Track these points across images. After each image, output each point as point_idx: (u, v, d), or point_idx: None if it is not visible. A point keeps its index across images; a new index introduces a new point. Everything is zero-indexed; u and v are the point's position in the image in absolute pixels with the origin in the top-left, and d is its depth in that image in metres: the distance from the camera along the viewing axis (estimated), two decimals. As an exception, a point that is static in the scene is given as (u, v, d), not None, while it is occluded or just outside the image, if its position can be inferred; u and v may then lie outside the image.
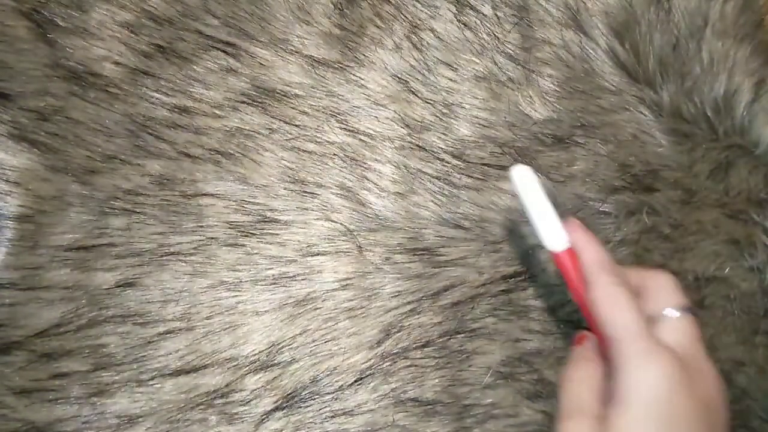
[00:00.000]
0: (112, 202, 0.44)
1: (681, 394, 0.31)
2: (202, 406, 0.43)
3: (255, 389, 0.43)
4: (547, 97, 0.46)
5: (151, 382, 0.42)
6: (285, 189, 0.45)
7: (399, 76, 0.46)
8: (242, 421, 0.43)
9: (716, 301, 0.43)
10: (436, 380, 0.44)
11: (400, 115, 0.46)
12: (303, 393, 0.43)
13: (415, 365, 0.44)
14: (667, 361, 0.32)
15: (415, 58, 0.46)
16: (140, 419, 0.42)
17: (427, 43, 0.46)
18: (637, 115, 0.46)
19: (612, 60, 0.46)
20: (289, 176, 0.45)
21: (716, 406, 0.33)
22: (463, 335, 0.44)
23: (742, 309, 0.43)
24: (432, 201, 0.45)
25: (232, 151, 0.45)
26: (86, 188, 0.44)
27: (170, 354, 0.43)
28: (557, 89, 0.46)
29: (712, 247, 0.44)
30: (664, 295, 0.35)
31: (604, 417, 0.32)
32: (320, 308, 0.44)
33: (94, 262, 0.43)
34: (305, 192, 0.45)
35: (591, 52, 0.46)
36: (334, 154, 0.46)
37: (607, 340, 0.33)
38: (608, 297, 0.34)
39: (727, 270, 0.44)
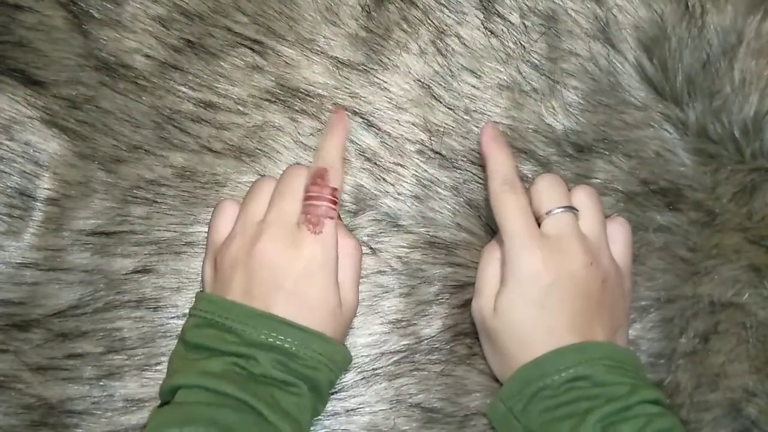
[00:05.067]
0: (134, 191, 0.45)
1: (548, 271, 0.39)
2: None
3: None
4: (571, 110, 0.46)
5: (158, 368, 0.43)
6: (302, 187, 0.46)
7: (422, 80, 0.46)
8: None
9: (730, 328, 0.42)
10: (441, 387, 0.44)
11: (421, 120, 0.46)
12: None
13: (419, 369, 0.44)
14: (538, 249, 0.40)
15: (439, 64, 0.46)
16: (146, 403, 0.43)
17: (453, 49, 0.46)
18: (662, 132, 0.45)
19: (639, 75, 0.45)
20: (307, 175, 0.46)
21: (581, 278, 0.40)
22: (470, 340, 0.44)
23: (758, 338, 0.42)
24: (448, 207, 0.45)
25: (252, 148, 0.46)
26: (111, 176, 0.45)
27: (180, 342, 0.44)
28: (581, 102, 0.45)
29: (730, 273, 0.43)
30: (550, 195, 0.42)
31: (498, 291, 0.41)
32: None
33: (114, 248, 0.45)
34: (322, 191, 0.46)
35: (618, 65, 0.45)
36: (353, 156, 0.46)
37: (501, 235, 0.42)
38: (498, 201, 0.42)
39: (745, 297, 0.43)
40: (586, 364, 0.38)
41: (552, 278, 0.39)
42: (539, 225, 0.41)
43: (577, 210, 0.42)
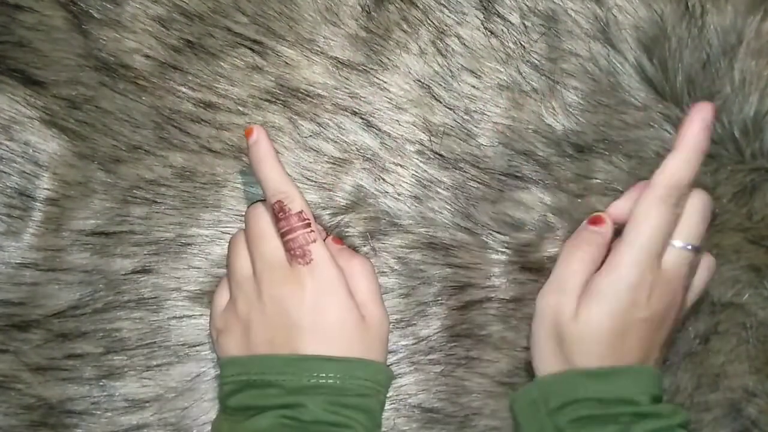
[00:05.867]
0: (134, 191, 0.45)
1: (648, 305, 0.37)
2: (208, 394, 0.44)
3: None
4: (571, 110, 0.46)
5: (159, 368, 0.43)
6: (302, 188, 0.46)
7: (422, 81, 0.46)
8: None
9: (731, 328, 0.42)
10: (441, 387, 0.44)
11: (421, 120, 0.46)
12: (308, 390, 0.44)
13: (419, 369, 0.44)
14: (651, 277, 0.37)
15: (439, 64, 0.46)
16: (147, 404, 0.43)
17: (452, 49, 0.46)
18: (662, 132, 0.45)
19: (639, 75, 0.45)
20: (307, 176, 0.46)
21: (668, 318, 0.39)
22: (470, 341, 0.44)
23: (758, 338, 0.42)
24: (447, 208, 0.45)
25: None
26: (110, 176, 0.45)
27: (179, 341, 0.44)
28: (581, 102, 0.45)
29: (730, 273, 0.43)
30: (694, 228, 0.39)
31: (580, 299, 0.39)
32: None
33: (113, 248, 0.45)
34: (321, 191, 0.46)
35: (618, 66, 0.45)
36: (353, 156, 0.46)
37: (622, 238, 0.38)
38: (648, 206, 0.38)
39: (745, 297, 0.43)
40: (639, 389, 0.38)
41: (648, 314, 0.38)
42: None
43: (700, 252, 0.40)
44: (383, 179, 0.46)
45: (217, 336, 0.42)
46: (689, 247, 0.38)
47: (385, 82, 0.46)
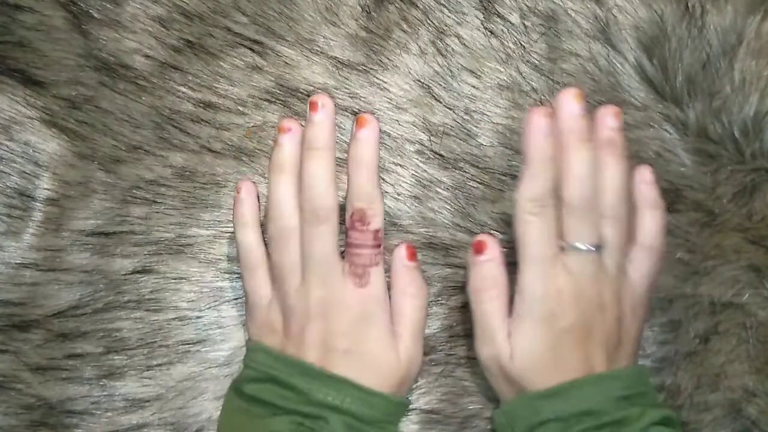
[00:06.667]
0: (134, 191, 0.45)
1: (565, 314, 0.37)
2: (208, 393, 0.44)
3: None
4: (571, 110, 0.45)
5: (159, 368, 0.43)
6: (302, 188, 0.46)
7: (422, 81, 0.46)
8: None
9: (731, 328, 0.42)
10: (441, 388, 0.44)
11: (421, 120, 0.46)
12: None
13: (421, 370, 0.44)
14: (545, 289, 0.37)
15: (439, 64, 0.46)
16: (147, 403, 0.43)
17: (452, 49, 0.46)
18: (662, 132, 0.45)
19: (639, 75, 0.45)
20: (307, 175, 0.46)
21: (595, 321, 0.37)
22: (470, 341, 0.44)
23: (758, 338, 0.42)
24: (447, 208, 0.45)
25: (252, 148, 0.46)
26: (110, 176, 0.45)
27: (179, 341, 0.44)
28: (581, 102, 0.45)
29: (730, 273, 0.43)
30: (578, 228, 0.38)
31: (510, 331, 0.38)
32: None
33: (113, 248, 0.45)
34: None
35: (618, 66, 0.45)
36: (353, 156, 0.46)
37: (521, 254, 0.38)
38: (518, 226, 0.38)
39: (745, 297, 0.42)
40: (597, 397, 0.37)
41: (569, 323, 0.37)
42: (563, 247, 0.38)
43: (603, 247, 0.38)
44: (383, 179, 0.46)
45: (255, 324, 0.41)
46: (582, 246, 0.37)
47: (385, 82, 0.46)
